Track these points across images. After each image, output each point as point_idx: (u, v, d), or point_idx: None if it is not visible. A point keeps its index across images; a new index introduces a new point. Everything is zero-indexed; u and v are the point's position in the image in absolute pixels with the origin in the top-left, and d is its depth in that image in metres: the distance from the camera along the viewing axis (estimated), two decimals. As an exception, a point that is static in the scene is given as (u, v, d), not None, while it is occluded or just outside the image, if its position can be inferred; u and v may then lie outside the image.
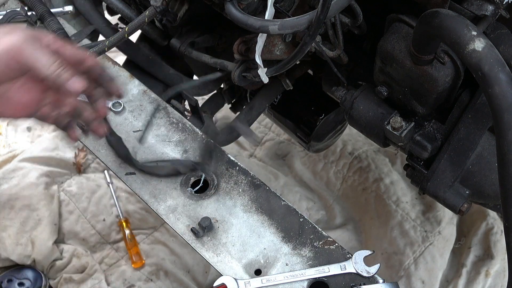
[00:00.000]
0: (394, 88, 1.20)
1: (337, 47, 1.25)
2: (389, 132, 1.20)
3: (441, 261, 2.09)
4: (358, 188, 2.30)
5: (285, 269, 1.11)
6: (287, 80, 1.56)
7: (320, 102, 1.74)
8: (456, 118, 1.18)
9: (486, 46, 0.89)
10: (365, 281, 1.08)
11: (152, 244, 2.18)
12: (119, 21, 1.72)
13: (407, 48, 1.10)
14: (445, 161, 1.17)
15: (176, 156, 1.27)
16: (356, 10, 1.17)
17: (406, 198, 2.23)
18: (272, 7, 1.09)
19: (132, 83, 1.38)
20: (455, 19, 0.92)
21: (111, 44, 1.34)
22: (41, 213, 2.17)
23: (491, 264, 2.06)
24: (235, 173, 1.24)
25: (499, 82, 0.86)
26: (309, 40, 1.06)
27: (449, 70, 1.09)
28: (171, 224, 1.18)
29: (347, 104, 1.28)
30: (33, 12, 1.44)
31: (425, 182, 1.20)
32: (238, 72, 1.35)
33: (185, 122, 1.32)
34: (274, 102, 1.77)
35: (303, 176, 2.35)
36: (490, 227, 2.12)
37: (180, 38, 1.51)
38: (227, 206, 1.19)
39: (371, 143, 2.38)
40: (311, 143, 1.77)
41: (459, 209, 1.17)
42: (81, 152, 2.38)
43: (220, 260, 1.13)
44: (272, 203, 1.19)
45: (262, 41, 1.14)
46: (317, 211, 2.27)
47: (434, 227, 2.16)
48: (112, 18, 1.73)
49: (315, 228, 1.15)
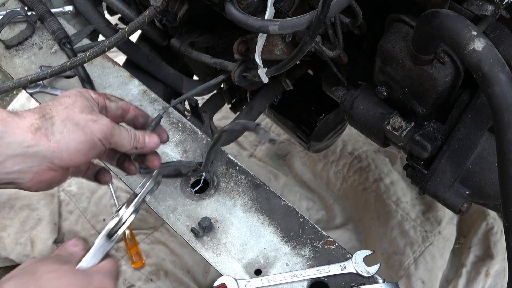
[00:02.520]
0: (394, 88, 1.20)
1: (337, 47, 1.25)
2: (389, 132, 1.20)
3: (441, 261, 2.08)
4: (358, 188, 2.30)
5: (285, 269, 1.11)
6: (287, 80, 1.56)
7: (320, 102, 1.74)
8: (456, 118, 1.18)
9: (486, 46, 0.89)
10: (365, 281, 1.08)
11: (152, 244, 2.18)
12: (119, 21, 1.72)
13: (407, 48, 1.10)
14: (445, 161, 1.17)
15: (176, 156, 1.27)
16: (356, 10, 1.17)
17: (406, 198, 2.23)
18: (272, 7, 1.09)
19: (132, 83, 1.38)
20: (455, 19, 0.92)
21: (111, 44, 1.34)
22: (41, 213, 2.17)
23: (491, 264, 2.06)
24: (235, 173, 1.24)
25: (499, 82, 0.86)
26: (309, 40, 1.06)
27: (449, 70, 1.09)
28: (171, 224, 1.18)
29: (347, 104, 1.28)
30: (33, 12, 1.44)
31: (425, 182, 1.20)
32: (238, 72, 1.35)
33: (185, 122, 1.32)
34: (274, 102, 1.77)
35: (303, 176, 2.35)
36: (490, 227, 2.12)
37: (180, 38, 1.50)
38: (227, 206, 1.19)
39: (371, 143, 2.37)
40: (311, 143, 1.77)
41: (459, 209, 1.17)
42: (81, 152, 2.38)
43: (220, 260, 1.13)
44: (272, 203, 1.19)
45: (262, 41, 1.14)
46: (317, 211, 2.26)
47: (434, 227, 2.16)
48: (112, 18, 1.72)
49: (315, 228, 1.15)
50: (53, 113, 0.95)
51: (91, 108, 0.99)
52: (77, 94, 1.00)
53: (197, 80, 1.71)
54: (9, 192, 2.24)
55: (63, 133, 0.94)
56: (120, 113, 1.07)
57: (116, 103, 1.06)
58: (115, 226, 0.98)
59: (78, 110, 0.96)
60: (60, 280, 0.82)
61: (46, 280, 0.81)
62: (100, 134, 0.96)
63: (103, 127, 0.97)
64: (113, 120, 1.03)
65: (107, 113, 1.05)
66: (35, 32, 1.47)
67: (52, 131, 0.93)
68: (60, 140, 0.93)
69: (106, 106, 1.05)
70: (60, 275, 0.83)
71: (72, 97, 0.99)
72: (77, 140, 0.95)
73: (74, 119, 0.95)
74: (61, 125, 0.94)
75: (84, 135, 0.95)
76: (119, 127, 1.01)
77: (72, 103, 0.97)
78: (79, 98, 0.99)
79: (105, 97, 1.05)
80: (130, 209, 1.00)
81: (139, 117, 1.09)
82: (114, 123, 1.00)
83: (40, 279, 0.81)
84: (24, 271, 0.84)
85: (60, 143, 0.93)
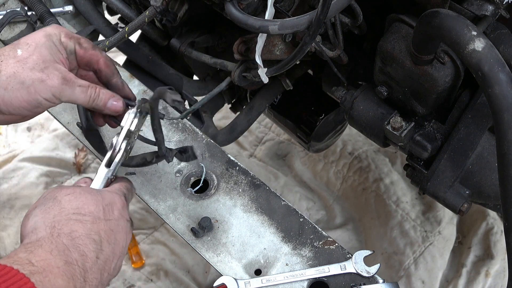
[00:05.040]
0: (394, 88, 1.20)
1: (337, 47, 1.25)
2: (389, 132, 1.20)
3: (441, 261, 2.08)
4: (358, 188, 2.30)
5: (285, 269, 1.11)
6: (287, 80, 1.56)
7: (320, 102, 1.74)
8: (456, 118, 1.18)
9: (486, 46, 0.89)
10: (365, 281, 1.08)
11: (152, 244, 2.18)
12: (119, 21, 1.72)
13: (407, 48, 1.10)
14: (445, 161, 1.17)
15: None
16: (356, 10, 1.17)
17: (406, 198, 2.23)
18: (272, 7, 1.09)
19: (132, 83, 1.38)
20: (455, 19, 0.92)
21: (111, 44, 1.34)
22: (41, 213, 2.16)
23: (491, 264, 2.06)
24: (235, 173, 1.24)
25: (499, 82, 0.86)
26: (309, 40, 1.06)
27: (449, 70, 1.09)
28: (171, 224, 1.18)
29: (347, 104, 1.28)
30: (33, 12, 1.44)
31: (425, 182, 1.20)
32: (238, 72, 1.35)
33: (185, 122, 1.32)
34: (274, 102, 1.77)
35: (303, 176, 2.35)
36: (490, 227, 2.12)
37: (180, 38, 1.51)
38: (227, 206, 1.19)
39: (371, 143, 2.37)
40: (311, 143, 1.77)
41: (459, 209, 1.17)
42: (81, 152, 2.38)
43: (220, 260, 1.13)
44: (272, 203, 1.19)
45: (262, 41, 1.14)
46: (317, 211, 2.26)
47: (434, 227, 2.15)
48: (112, 18, 1.72)
49: (315, 228, 1.15)
50: (2, 66, 0.98)
51: (48, 61, 0.99)
52: (40, 41, 1.01)
53: (197, 80, 1.71)
54: (9, 192, 2.24)
55: (7, 89, 0.97)
56: (87, 61, 1.07)
57: (86, 50, 1.07)
58: (111, 155, 1.06)
59: (30, 65, 0.98)
60: (77, 200, 0.93)
61: (66, 201, 0.93)
62: (46, 95, 0.98)
63: (50, 88, 0.98)
64: (81, 65, 1.07)
65: (75, 57, 1.07)
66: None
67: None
68: (4, 95, 0.97)
69: (75, 51, 1.06)
70: (77, 196, 0.94)
71: (31, 46, 1.00)
72: (20, 99, 0.97)
73: (21, 77, 0.97)
74: (5, 82, 0.97)
75: (28, 95, 0.97)
76: (72, 86, 1.00)
77: (27, 57, 0.99)
78: (39, 48, 1.00)
79: (77, 41, 1.06)
80: (121, 136, 1.06)
81: (104, 72, 1.09)
82: (68, 84, 1.00)
83: (61, 202, 0.93)
84: (46, 198, 0.95)
85: (4, 98, 0.97)
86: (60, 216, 0.90)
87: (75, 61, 1.08)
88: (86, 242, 0.89)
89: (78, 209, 0.92)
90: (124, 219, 0.99)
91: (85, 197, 0.95)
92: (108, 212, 0.95)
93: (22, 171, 2.29)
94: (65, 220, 0.90)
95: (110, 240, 0.93)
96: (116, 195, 1.00)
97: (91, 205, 0.94)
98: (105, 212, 0.95)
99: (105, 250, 0.92)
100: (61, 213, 0.91)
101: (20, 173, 2.28)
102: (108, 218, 0.95)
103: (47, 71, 0.99)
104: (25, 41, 1.01)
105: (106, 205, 0.96)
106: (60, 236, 0.87)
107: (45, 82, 0.98)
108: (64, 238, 0.87)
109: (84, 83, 1.03)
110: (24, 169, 2.30)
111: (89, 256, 0.88)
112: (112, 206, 0.97)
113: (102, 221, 0.93)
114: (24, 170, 2.29)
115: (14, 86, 0.97)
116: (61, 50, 1.03)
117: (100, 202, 0.95)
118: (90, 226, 0.91)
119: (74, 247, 0.87)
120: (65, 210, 0.91)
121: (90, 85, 1.04)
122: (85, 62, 1.08)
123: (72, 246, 0.87)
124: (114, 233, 0.95)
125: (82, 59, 1.07)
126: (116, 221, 0.96)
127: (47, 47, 1.01)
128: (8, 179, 2.27)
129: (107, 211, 0.95)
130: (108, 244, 0.93)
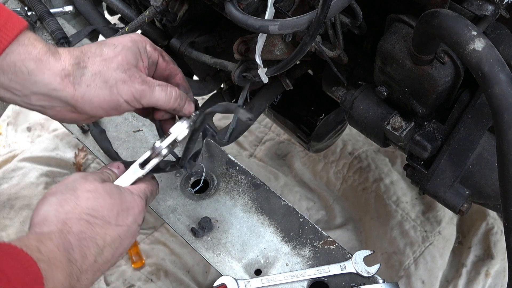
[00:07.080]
0: (394, 88, 1.20)
1: (337, 47, 1.25)
2: (389, 132, 1.20)
3: (441, 261, 2.08)
4: (358, 188, 2.30)
5: (285, 269, 1.11)
6: (287, 80, 1.56)
7: (320, 102, 1.74)
8: (456, 118, 1.18)
9: (486, 46, 0.89)
10: (365, 281, 1.08)
11: (152, 244, 2.17)
12: (119, 21, 1.72)
13: (407, 48, 1.10)
14: (445, 161, 1.17)
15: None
16: (356, 10, 1.17)
17: (406, 198, 2.23)
18: (272, 7, 1.09)
19: (132, 83, 1.38)
20: (455, 19, 0.92)
21: (111, 44, 1.33)
22: (41, 213, 2.16)
23: (491, 264, 2.06)
24: (235, 173, 1.24)
25: (499, 82, 0.86)
26: (309, 40, 1.06)
27: (449, 70, 1.09)
28: (171, 224, 1.18)
29: (347, 104, 1.28)
30: (33, 12, 1.44)
31: (425, 182, 1.20)
32: (238, 72, 1.35)
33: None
34: (274, 102, 1.77)
35: (303, 176, 2.35)
36: (490, 227, 2.12)
37: (180, 38, 1.50)
38: (227, 206, 1.19)
39: (371, 143, 2.37)
40: (311, 143, 1.77)
41: (459, 209, 1.17)
42: (81, 152, 2.38)
43: (220, 260, 1.13)
44: (272, 203, 1.19)
45: (262, 41, 1.14)
46: (317, 211, 2.26)
47: (434, 227, 2.16)
48: (112, 18, 1.72)
49: (315, 228, 1.15)
50: (88, 63, 0.96)
51: (131, 64, 0.99)
52: (127, 45, 1.00)
53: (197, 80, 1.71)
54: (9, 192, 2.24)
55: (90, 86, 0.95)
56: (167, 74, 1.09)
57: (168, 63, 1.08)
58: (148, 157, 1.05)
59: (114, 65, 0.97)
60: (95, 201, 0.93)
61: (84, 199, 0.92)
62: (127, 96, 0.97)
63: (132, 90, 0.97)
64: (159, 78, 1.05)
65: (156, 69, 1.07)
66: (35, 32, 1.47)
67: (79, 82, 0.95)
68: (85, 93, 0.95)
69: (158, 63, 1.07)
70: (96, 196, 0.93)
71: (118, 47, 0.99)
72: (101, 98, 0.96)
73: (105, 76, 0.96)
74: (90, 78, 0.95)
75: (109, 95, 0.96)
76: (152, 89, 1.00)
77: (113, 56, 0.98)
78: (125, 50, 0.99)
79: (160, 53, 1.07)
80: (164, 143, 1.04)
81: (182, 87, 1.10)
82: (148, 85, 0.99)
83: (78, 198, 0.92)
84: (67, 188, 0.94)
85: (84, 96, 0.95)
86: (73, 214, 0.91)
87: (153, 72, 1.08)
88: (89, 245, 0.90)
89: (92, 210, 0.92)
90: (136, 224, 0.99)
91: (104, 199, 0.94)
92: (122, 218, 0.95)
93: (22, 171, 2.29)
94: (77, 219, 0.91)
95: (114, 245, 0.94)
96: (138, 197, 1.00)
97: (106, 209, 0.93)
98: (118, 218, 0.95)
99: (105, 254, 0.93)
100: (74, 210, 0.91)
101: (20, 173, 2.28)
102: (119, 224, 0.95)
103: (129, 72, 0.98)
104: (112, 42, 1.01)
105: (122, 210, 0.96)
106: (69, 234, 0.89)
107: (127, 83, 0.97)
108: (72, 237, 0.89)
109: (163, 83, 1.03)
110: (24, 169, 2.29)
111: (88, 259, 0.90)
112: (129, 211, 0.97)
113: (112, 226, 0.93)
114: (24, 170, 2.29)
115: (98, 84, 0.96)
116: (144, 59, 1.03)
117: (117, 207, 0.95)
118: (98, 230, 0.92)
119: (78, 247, 0.89)
120: (79, 208, 0.92)
121: (168, 84, 1.04)
122: (165, 75, 1.08)
123: (76, 246, 0.89)
124: (121, 239, 0.95)
125: (163, 71, 1.08)
126: (127, 227, 0.96)
127: (132, 51, 1.00)
128: (8, 179, 2.27)
129: (121, 217, 0.95)
130: (110, 249, 0.94)
